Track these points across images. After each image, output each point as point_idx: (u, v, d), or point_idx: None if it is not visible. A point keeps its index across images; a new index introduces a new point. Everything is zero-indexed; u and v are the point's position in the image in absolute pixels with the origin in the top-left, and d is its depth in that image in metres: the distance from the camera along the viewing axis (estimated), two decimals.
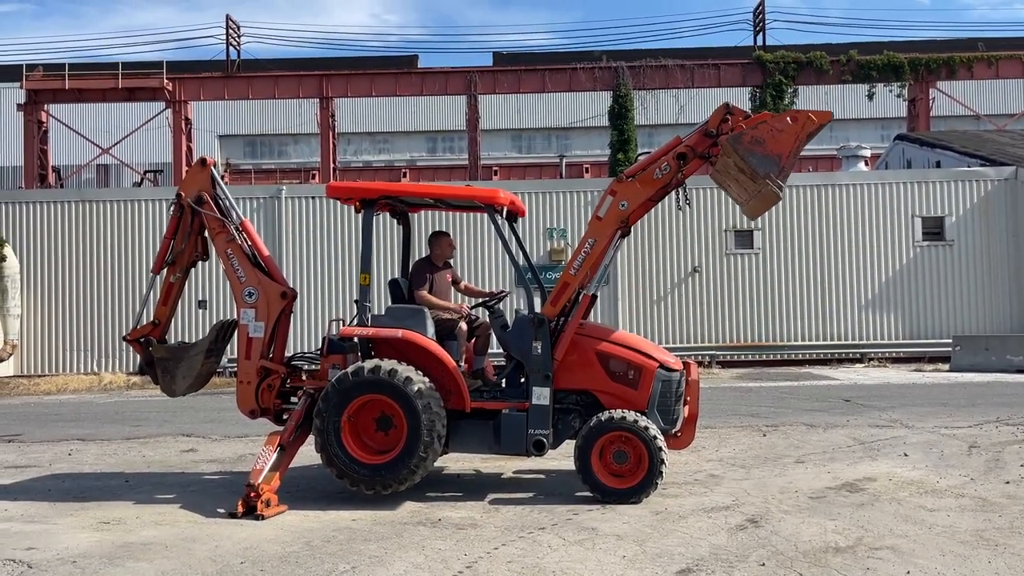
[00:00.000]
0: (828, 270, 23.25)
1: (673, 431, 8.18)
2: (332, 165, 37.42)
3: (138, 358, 9.04)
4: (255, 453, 8.91)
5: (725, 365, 22.73)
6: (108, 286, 23.32)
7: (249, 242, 8.52)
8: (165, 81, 35.19)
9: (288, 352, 8.70)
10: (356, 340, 8.05)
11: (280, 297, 8.36)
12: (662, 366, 7.98)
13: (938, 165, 28.08)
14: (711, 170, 7.95)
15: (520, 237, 8.99)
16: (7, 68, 44.66)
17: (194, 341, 8.96)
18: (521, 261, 8.97)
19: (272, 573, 5.90)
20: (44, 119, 36.29)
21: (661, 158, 7.91)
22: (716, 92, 36.67)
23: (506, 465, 9.45)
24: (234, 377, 8.80)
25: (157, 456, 10.73)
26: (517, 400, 7.88)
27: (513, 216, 8.75)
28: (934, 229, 23.30)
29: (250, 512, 7.32)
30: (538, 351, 7.80)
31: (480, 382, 8.34)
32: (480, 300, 8.86)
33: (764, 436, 11.16)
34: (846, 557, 5.99)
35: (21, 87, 36.03)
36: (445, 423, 7.69)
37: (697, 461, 9.48)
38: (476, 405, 7.89)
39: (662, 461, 7.55)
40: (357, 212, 8.35)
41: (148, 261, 22.07)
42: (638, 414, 7.70)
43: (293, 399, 8.44)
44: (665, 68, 35.50)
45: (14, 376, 22.55)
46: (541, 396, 7.78)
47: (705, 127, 7.82)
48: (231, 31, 39.13)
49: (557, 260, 22.77)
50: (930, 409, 13.35)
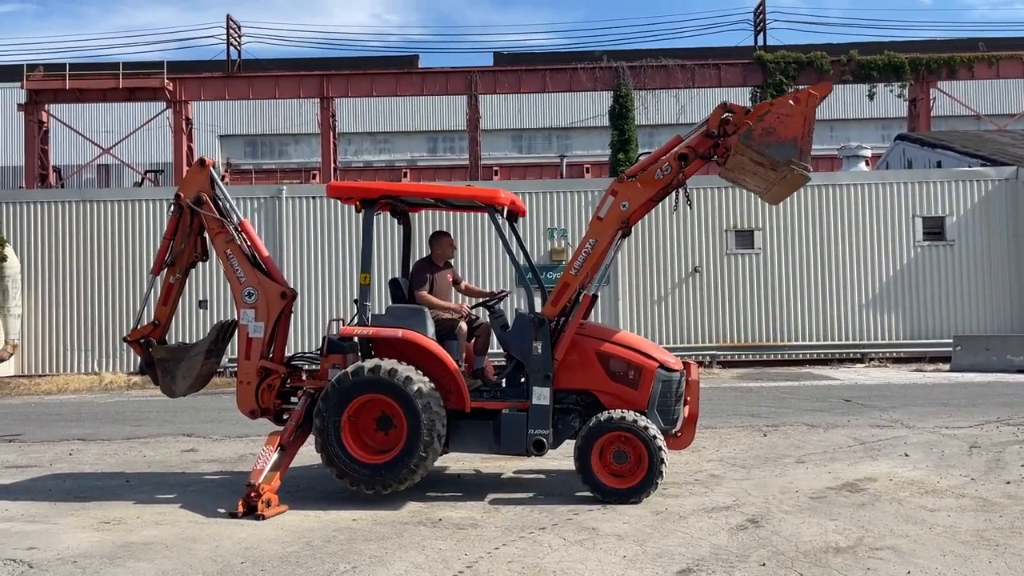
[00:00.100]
0: (829, 270, 23.24)
1: (673, 431, 8.19)
2: (333, 165, 37.42)
3: (139, 358, 9.04)
4: (255, 453, 8.92)
5: (726, 365, 22.73)
6: (109, 286, 23.33)
7: (248, 242, 8.53)
8: (166, 81, 35.20)
9: (288, 352, 8.71)
10: (356, 340, 8.06)
11: (280, 297, 8.37)
12: (662, 366, 7.98)
13: (939, 165, 28.07)
14: (721, 169, 7.95)
15: (521, 237, 8.99)
16: (8, 68, 44.67)
17: (194, 341, 8.97)
18: (522, 261, 8.97)
19: (272, 573, 5.90)
20: (45, 119, 36.30)
21: (662, 158, 7.91)
22: (717, 92, 36.63)
23: (506, 465, 9.45)
24: (234, 377, 8.80)
25: (158, 456, 10.73)
26: (517, 400, 7.88)
27: (514, 216, 8.76)
28: (935, 229, 23.30)
29: (250, 512, 7.33)
30: (538, 351, 7.80)
31: (480, 382, 8.34)
32: (480, 300, 8.86)
33: (765, 436, 11.16)
34: (847, 557, 5.98)
35: (22, 87, 36.03)
36: (445, 423, 7.70)
37: (697, 461, 9.48)
38: (476, 405, 7.90)
39: (662, 461, 7.55)
40: (358, 212, 8.36)
41: (149, 261, 22.00)
42: (638, 414, 7.70)
43: (293, 399, 8.45)
44: (666, 68, 35.50)
45: (15, 376, 22.56)
46: (541, 396, 7.79)
47: (705, 128, 7.82)
48: (232, 31, 39.13)
49: (558, 260, 22.77)
50: (931, 409, 13.35)
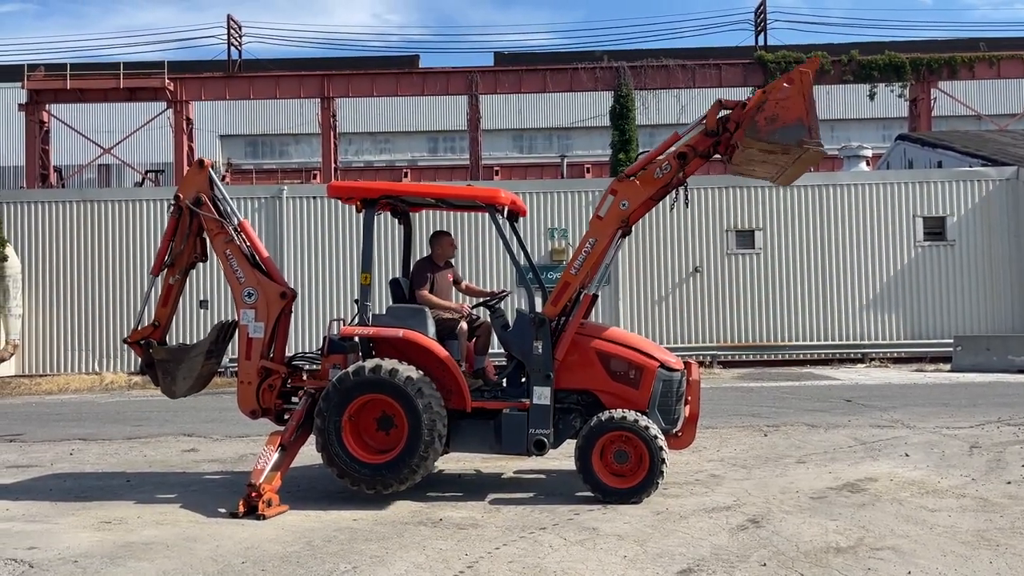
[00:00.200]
0: (829, 270, 23.23)
1: (674, 431, 8.18)
2: (333, 165, 37.43)
3: (139, 358, 9.05)
4: (256, 453, 8.91)
5: (726, 365, 22.73)
6: (109, 286, 23.33)
7: (248, 243, 8.53)
8: (166, 81, 35.20)
9: (289, 352, 8.72)
10: (357, 340, 8.06)
11: (279, 297, 8.37)
12: (663, 366, 7.98)
13: (939, 165, 28.06)
14: (729, 165, 7.97)
15: (521, 237, 8.98)
16: (9, 68, 44.68)
17: (194, 342, 8.97)
18: (522, 261, 8.97)
19: (273, 573, 5.90)
20: (46, 119, 36.31)
21: (660, 157, 7.91)
22: (717, 92, 36.54)
23: (507, 465, 9.45)
24: (235, 377, 8.80)
25: (158, 456, 10.73)
26: (518, 400, 7.88)
27: (514, 216, 8.76)
28: (935, 229, 23.29)
29: (251, 512, 7.33)
30: (539, 351, 7.80)
31: (481, 382, 8.34)
32: (481, 300, 8.86)
33: (765, 436, 11.16)
34: (847, 557, 5.98)
35: (23, 87, 36.03)
36: (446, 423, 7.70)
37: (698, 461, 9.48)
38: (477, 405, 7.90)
39: (663, 461, 7.55)
40: (358, 212, 8.36)
41: (149, 261, 21.95)
42: (639, 414, 7.70)
43: (294, 399, 8.45)
44: (666, 68, 35.49)
45: (16, 376, 22.56)
46: (542, 396, 7.79)
47: (704, 127, 7.82)
48: (232, 31, 39.14)
49: (558, 260, 22.77)
50: (931, 409, 13.34)
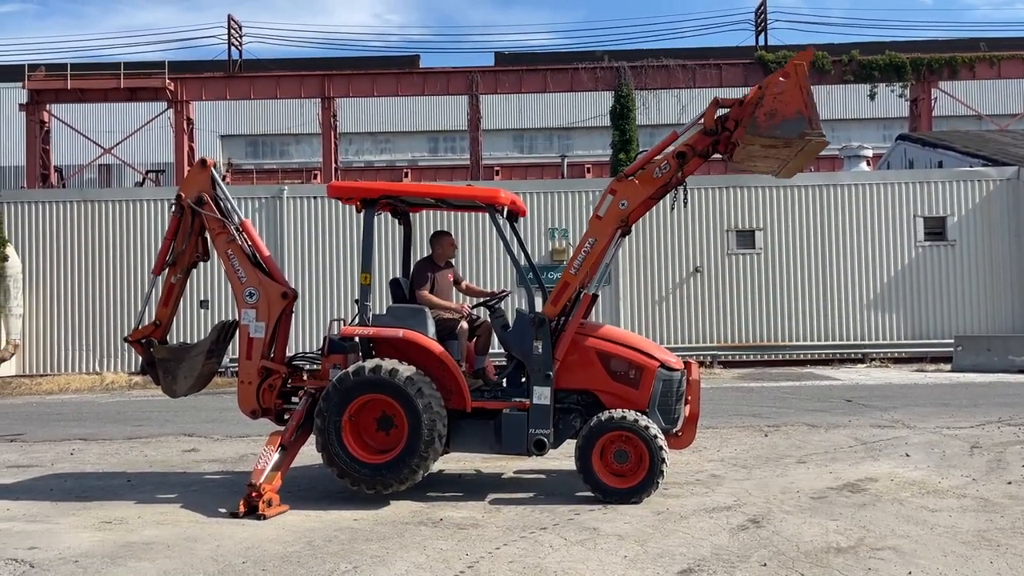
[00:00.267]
0: (830, 270, 23.22)
1: (674, 431, 8.19)
2: (334, 165, 37.43)
3: (140, 358, 9.05)
4: (257, 453, 8.91)
5: (727, 365, 22.72)
6: (110, 286, 23.33)
7: (250, 242, 8.53)
8: (167, 81, 35.19)
9: (289, 352, 8.72)
10: (357, 340, 8.07)
11: (281, 297, 8.37)
12: (663, 365, 7.98)
13: (940, 165, 28.05)
14: (731, 163, 7.99)
15: (521, 237, 8.99)
16: (9, 68, 44.70)
17: (195, 342, 8.97)
18: (522, 261, 8.97)
19: (274, 573, 5.91)
20: (46, 119, 36.30)
21: (658, 157, 7.92)
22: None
23: (507, 465, 9.45)
24: (235, 377, 8.80)
25: (159, 456, 10.74)
26: (518, 400, 7.89)
27: (514, 216, 8.77)
28: (936, 229, 23.27)
29: (252, 512, 7.34)
30: (539, 351, 7.80)
31: (481, 382, 8.34)
32: (481, 300, 8.86)
33: (766, 436, 11.16)
34: (848, 557, 5.98)
35: (23, 87, 36.03)
36: (446, 423, 7.70)
37: (698, 461, 9.48)
38: (477, 405, 7.90)
39: (663, 461, 7.55)
40: (358, 212, 8.37)
41: (150, 261, 22.03)
42: (639, 414, 7.70)
43: (294, 399, 8.45)
44: (667, 68, 35.47)
45: (16, 376, 22.56)
46: (542, 396, 7.79)
47: (702, 126, 7.82)
48: (233, 31, 39.14)
49: (558, 260, 22.76)
50: (932, 409, 13.34)
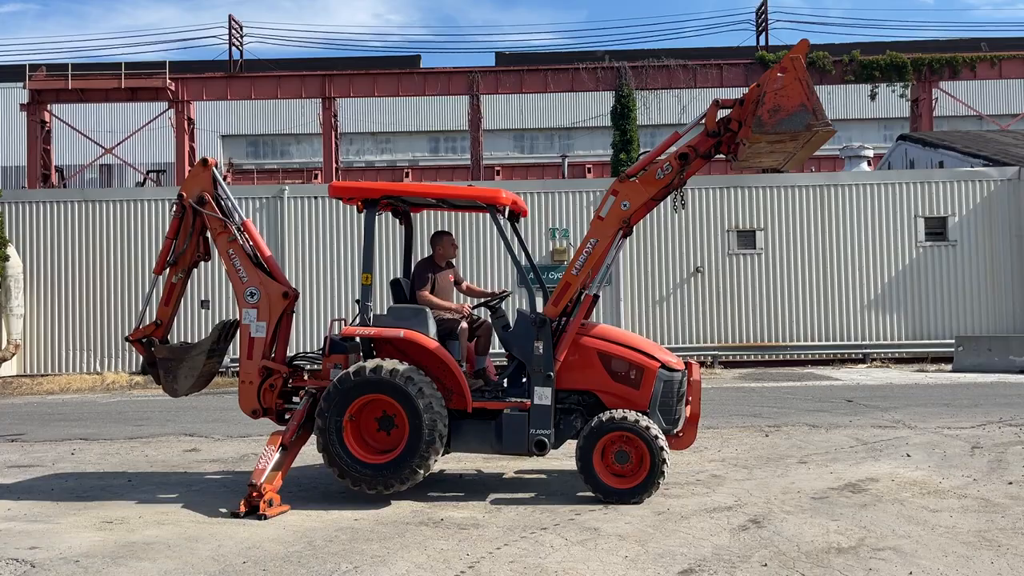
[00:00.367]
0: (831, 270, 23.22)
1: (675, 431, 8.19)
2: (334, 165, 37.44)
3: (140, 358, 9.06)
4: (257, 453, 8.93)
5: (727, 365, 22.72)
6: (111, 286, 23.34)
7: (251, 242, 8.54)
8: (168, 81, 35.20)
9: (290, 352, 8.72)
10: (358, 340, 8.07)
11: (282, 297, 8.38)
12: (664, 366, 7.98)
13: (941, 165, 28.04)
14: (736, 163, 8.00)
15: (522, 237, 8.98)
16: (10, 68, 44.75)
17: (196, 341, 8.97)
18: (523, 261, 8.97)
19: (274, 573, 5.91)
20: (47, 119, 36.32)
21: (660, 158, 7.92)
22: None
23: (508, 465, 9.45)
24: (236, 377, 8.81)
25: (160, 456, 10.74)
26: (519, 400, 7.89)
27: (515, 216, 8.77)
28: (937, 229, 23.26)
29: (252, 512, 7.34)
30: (540, 351, 7.80)
31: (482, 382, 8.35)
32: (482, 300, 8.86)
33: (766, 436, 11.16)
34: (848, 558, 5.98)
35: (24, 87, 36.06)
36: (447, 423, 7.70)
37: (699, 461, 9.48)
38: (478, 405, 7.90)
39: (664, 461, 7.55)
40: (359, 212, 8.37)
41: (151, 261, 22.08)
42: (640, 414, 7.70)
43: (295, 399, 8.46)
44: (667, 68, 35.48)
45: (17, 376, 22.58)
46: (543, 396, 7.79)
47: (704, 127, 7.82)
48: (234, 31, 39.17)
49: (559, 260, 22.77)
50: (933, 410, 13.34)
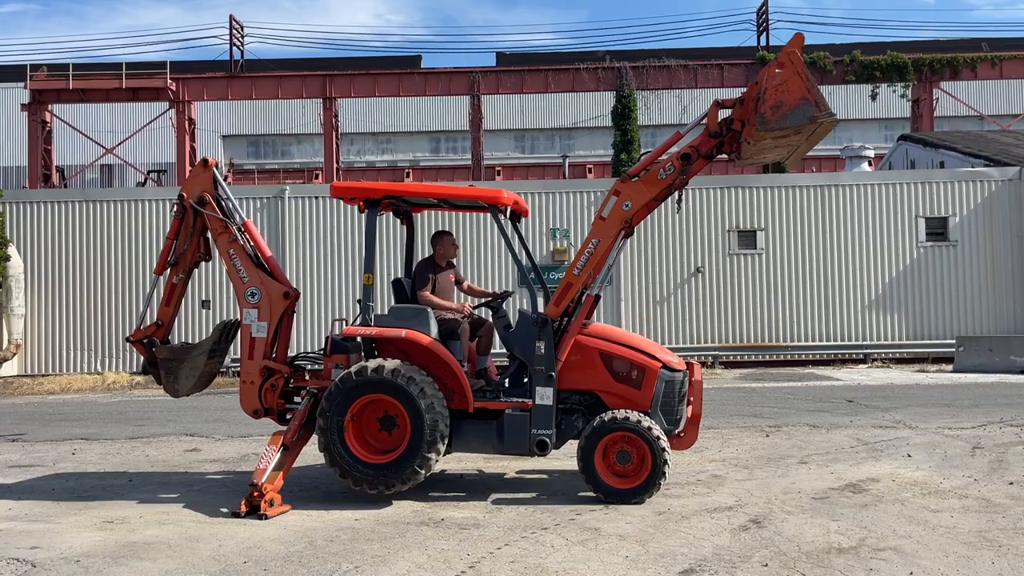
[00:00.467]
0: (831, 270, 23.22)
1: (676, 431, 8.18)
2: (335, 165, 37.46)
3: (141, 358, 9.06)
4: (258, 453, 8.93)
5: (728, 366, 22.72)
6: (112, 286, 23.35)
7: (251, 242, 8.54)
8: (169, 81, 35.22)
9: (291, 352, 8.72)
10: (359, 340, 8.07)
11: (283, 297, 8.38)
12: (665, 366, 7.98)
13: (942, 165, 28.04)
14: (739, 161, 8.01)
15: (523, 237, 8.98)
16: (11, 68, 44.77)
17: (197, 341, 8.98)
18: (524, 261, 8.97)
19: (275, 572, 5.91)
20: (48, 119, 36.34)
21: (662, 158, 7.92)
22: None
23: (509, 465, 9.45)
24: (237, 377, 8.81)
25: (161, 456, 10.74)
26: (520, 400, 7.89)
27: (516, 216, 8.77)
28: (938, 229, 23.26)
29: (253, 511, 7.34)
30: (541, 351, 7.80)
31: (483, 382, 8.34)
32: (483, 300, 8.86)
33: (767, 437, 11.16)
34: (849, 558, 5.98)
35: (25, 87, 36.07)
36: (448, 423, 7.70)
37: (700, 461, 9.48)
38: (479, 405, 7.90)
39: (665, 462, 7.55)
40: (360, 212, 8.38)
41: (152, 261, 22.06)
42: (641, 414, 7.70)
43: (296, 399, 8.46)
44: (668, 68, 35.49)
45: (18, 376, 22.59)
46: (544, 396, 7.79)
47: (706, 128, 7.82)
48: (235, 31, 39.19)
49: (560, 260, 22.78)
50: (933, 410, 13.33)
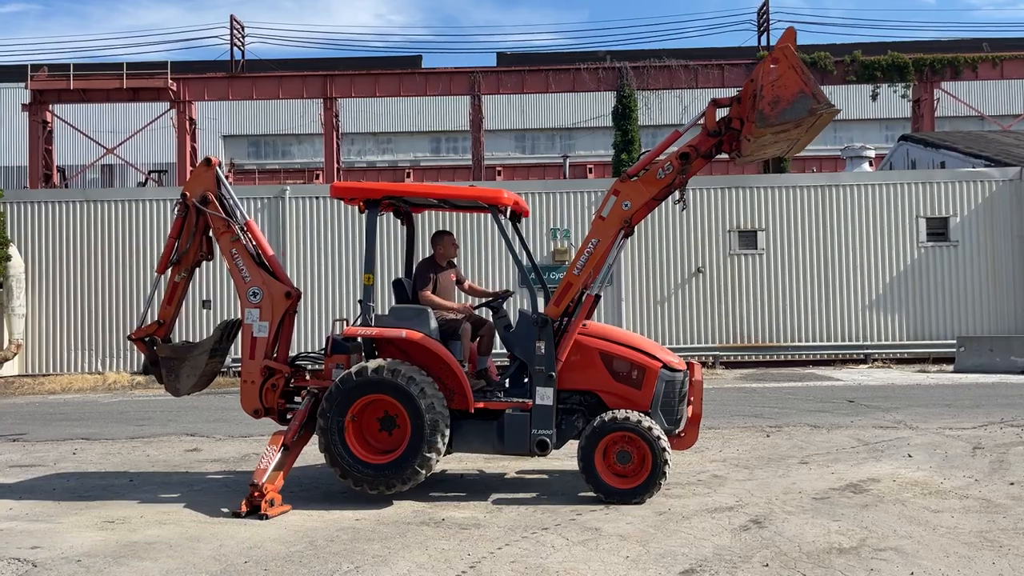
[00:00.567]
0: (832, 271, 23.21)
1: (677, 431, 8.18)
2: (336, 165, 37.47)
3: (143, 357, 9.07)
4: (259, 453, 8.94)
5: (729, 366, 22.72)
6: (112, 286, 23.35)
7: (253, 242, 8.54)
8: (169, 81, 35.24)
9: (292, 352, 8.72)
10: (360, 340, 8.07)
11: (284, 297, 8.38)
12: (665, 366, 7.99)
13: (943, 166, 28.03)
14: (739, 159, 8.02)
15: (523, 237, 8.98)
16: (12, 68, 44.79)
17: (198, 341, 8.98)
18: (525, 261, 8.97)
19: (276, 572, 5.91)
20: (49, 119, 36.36)
21: (660, 158, 7.92)
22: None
23: (509, 465, 9.45)
24: (238, 377, 8.81)
25: (161, 455, 10.75)
26: (521, 400, 7.89)
27: (517, 216, 8.77)
28: (939, 230, 23.25)
29: (254, 511, 7.35)
30: (542, 351, 7.81)
31: (484, 382, 8.34)
32: (484, 300, 8.87)
33: (768, 437, 11.16)
34: (850, 558, 5.98)
35: (26, 87, 36.09)
36: (449, 423, 7.70)
37: (700, 462, 9.48)
38: (480, 405, 7.90)
39: (665, 462, 7.56)
40: (361, 212, 8.38)
41: (152, 261, 22.10)
42: (642, 414, 7.71)
43: (297, 399, 8.46)
44: (669, 68, 35.49)
45: (19, 375, 22.60)
46: (545, 396, 7.79)
47: (704, 127, 7.82)
48: (235, 31, 39.20)
49: (560, 260, 22.78)
50: (934, 410, 13.33)
